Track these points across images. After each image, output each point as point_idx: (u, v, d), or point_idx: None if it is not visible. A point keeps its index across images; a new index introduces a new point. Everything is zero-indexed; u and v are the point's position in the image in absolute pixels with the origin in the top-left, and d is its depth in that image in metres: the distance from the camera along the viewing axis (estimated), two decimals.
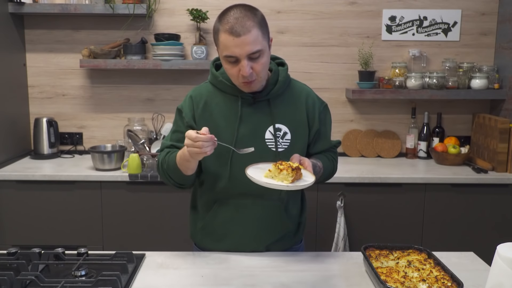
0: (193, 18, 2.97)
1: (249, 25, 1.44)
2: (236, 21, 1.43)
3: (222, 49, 1.48)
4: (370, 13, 3.14)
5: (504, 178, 2.73)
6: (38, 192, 2.68)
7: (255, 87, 1.55)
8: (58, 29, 3.12)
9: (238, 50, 1.44)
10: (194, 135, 1.38)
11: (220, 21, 1.48)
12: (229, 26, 1.44)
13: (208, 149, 1.39)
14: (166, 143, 1.67)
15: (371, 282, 1.43)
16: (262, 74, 1.52)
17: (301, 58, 3.16)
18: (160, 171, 1.64)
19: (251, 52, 1.45)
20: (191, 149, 1.41)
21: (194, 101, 1.64)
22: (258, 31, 1.46)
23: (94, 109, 3.21)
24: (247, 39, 1.43)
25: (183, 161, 1.51)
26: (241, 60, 1.46)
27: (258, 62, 1.48)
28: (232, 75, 1.52)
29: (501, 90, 3.01)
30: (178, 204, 2.67)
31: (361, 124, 3.25)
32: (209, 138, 1.38)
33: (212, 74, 1.65)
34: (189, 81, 3.16)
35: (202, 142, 1.38)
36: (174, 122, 1.69)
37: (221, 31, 1.46)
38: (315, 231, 2.72)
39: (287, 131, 1.62)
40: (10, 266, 1.45)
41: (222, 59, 1.51)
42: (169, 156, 1.59)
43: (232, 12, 1.46)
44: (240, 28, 1.43)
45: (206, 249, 1.71)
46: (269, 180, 1.42)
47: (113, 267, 1.48)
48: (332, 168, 1.75)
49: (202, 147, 1.38)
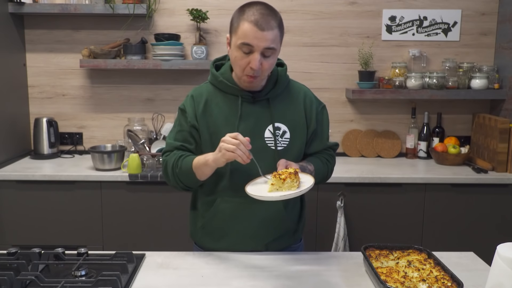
0: (193, 18, 2.97)
1: (273, 24, 1.50)
2: (262, 16, 1.48)
3: (240, 36, 1.49)
4: (370, 13, 3.14)
5: (504, 178, 2.73)
6: (38, 192, 2.68)
7: (255, 84, 1.58)
8: (58, 29, 3.12)
9: (257, 42, 1.48)
10: (235, 133, 1.44)
11: (244, 12, 1.51)
12: (254, 18, 1.48)
13: (238, 153, 1.42)
14: (173, 143, 1.66)
15: (371, 282, 1.43)
16: (266, 73, 1.56)
17: (301, 58, 3.16)
18: (168, 173, 1.64)
19: (267, 47, 1.49)
20: (223, 145, 1.44)
21: (195, 101, 1.65)
22: (278, 32, 1.53)
23: (94, 109, 3.21)
24: (268, 35, 1.48)
25: (202, 166, 1.52)
26: (255, 52, 1.49)
27: (268, 61, 1.53)
28: (240, 65, 1.53)
29: (501, 90, 3.01)
30: (178, 204, 2.67)
31: (361, 124, 3.25)
32: (246, 143, 1.43)
33: (213, 74, 1.67)
34: (189, 81, 3.16)
35: (239, 142, 1.42)
36: (178, 122, 1.69)
37: (245, 20, 1.49)
38: (315, 231, 2.72)
39: (286, 130, 1.64)
40: (10, 266, 1.45)
41: (236, 46, 1.52)
42: (183, 160, 1.59)
43: (258, 7, 1.51)
44: (265, 24, 1.48)
45: (206, 248, 1.72)
46: (278, 192, 1.42)
47: (113, 267, 1.48)
48: (326, 171, 1.73)
49: (237, 145, 1.42)
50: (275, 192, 1.43)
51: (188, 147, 1.64)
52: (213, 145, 1.57)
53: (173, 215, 2.69)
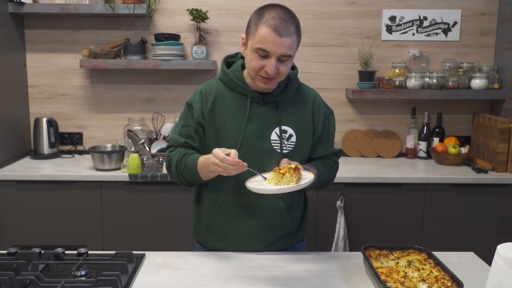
0: (193, 18, 2.97)
1: (292, 30, 1.48)
2: (282, 21, 1.46)
3: (257, 41, 1.48)
4: (370, 13, 3.14)
5: (504, 178, 2.73)
6: (38, 192, 2.68)
7: (270, 85, 1.57)
8: (58, 29, 3.12)
9: (274, 48, 1.46)
10: (222, 156, 1.39)
11: (263, 15, 1.49)
12: (274, 23, 1.46)
13: (233, 172, 1.41)
14: (177, 138, 1.65)
15: (371, 282, 1.43)
16: (283, 77, 1.55)
17: (301, 58, 3.16)
18: (172, 170, 1.64)
19: (284, 54, 1.48)
20: (215, 168, 1.42)
21: (204, 97, 1.64)
22: (296, 38, 1.51)
23: (94, 109, 3.21)
24: (286, 42, 1.47)
25: (206, 170, 1.51)
26: (271, 58, 1.48)
27: (284, 65, 1.52)
28: (254, 68, 1.52)
29: (501, 90, 3.01)
30: (178, 204, 2.67)
31: (361, 124, 3.25)
32: (236, 163, 1.39)
33: (223, 71, 1.66)
34: (189, 81, 3.16)
35: (227, 165, 1.39)
36: (183, 116, 1.68)
37: (263, 24, 1.47)
38: (315, 231, 2.72)
39: (293, 133, 1.63)
40: (10, 266, 1.46)
41: (252, 49, 1.50)
42: (187, 158, 1.59)
43: (278, 11, 1.48)
44: (285, 30, 1.46)
45: (208, 247, 1.72)
46: (277, 186, 1.41)
47: (113, 267, 1.48)
48: (329, 176, 1.72)
49: (227, 168, 1.40)
50: (275, 185, 1.42)
51: (192, 145, 1.63)
52: (218, 142, 1.57)
53: (173, 215, 2.69)
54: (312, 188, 1.64)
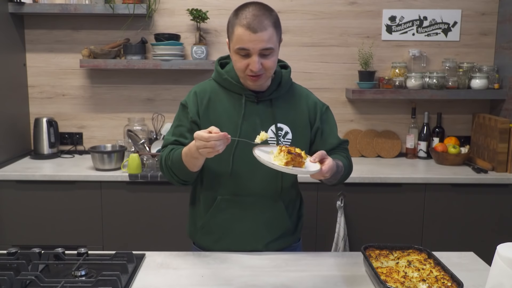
0: (193, 18, 2.97)
1: (266, 23, 1.49)
2: (254, 18, 1.48)
3: (236, 42, 1.50)
4: (370, 13, 3.13)
5: (504, 178, 2.73)
6: (38, 192, 2.68)
7: (260, 83, 1.58)
8: (58, 29, 3.12)
9: (252, 45, 1.48)
10: (206, 135, 1.39)
11: (237, 16, 1.51)
12: (246, 21, 1.48)
13: (221, 148, 1.41)
14: (169, 138, 1.66)
15: (371, 282, 1.43)
16: (271, 72, 1.56)
17: (301, 58, 3.16)
18: (163, 168, 1.64)
19: (264, 48, 1.49)
20: (203, 150, 1.41)
21: (199, 97, 1.65)
22: (273, 30, 1.51)
23: (94, 109, 3.21)
24: (262, 36, 1.48)
25: (190, 158, 1.51)
26: (252, 55, 1.50)
27: (269, 59, 1.52)
28: (240, 68, 1.54)
29: (501, 90, 3.01)
30: (178, 204, 2.67)
31: (361, 124, 3.25)
32: (222, 137, 1.39)
33: (217, 71, 1.67)
34: (189, 81, 3.16)
35: (214, 142, 1.38)
36: (177, 117, 1.69)
37: (238, 25, 1.49)
38: (315, 231, 2.72)
39: (288, 131, 1.64)
40: (10, 266, 1.46)
41: (233, 51, 1.53)
42: (174, 152, 1.59)
43: (251, 9, 1.50)
44: (258, 25, 1.47)
45: (205, 248, 1.72)
46: (267, 158, 1.41)
47: (113, 267, 1.48)
48: (349, 166, 1.73)
49: (214, 146, 1.39)
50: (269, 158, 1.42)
51: (183, 142, 1.63)
52: None
53: (173, 215, 2.69)
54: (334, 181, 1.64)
